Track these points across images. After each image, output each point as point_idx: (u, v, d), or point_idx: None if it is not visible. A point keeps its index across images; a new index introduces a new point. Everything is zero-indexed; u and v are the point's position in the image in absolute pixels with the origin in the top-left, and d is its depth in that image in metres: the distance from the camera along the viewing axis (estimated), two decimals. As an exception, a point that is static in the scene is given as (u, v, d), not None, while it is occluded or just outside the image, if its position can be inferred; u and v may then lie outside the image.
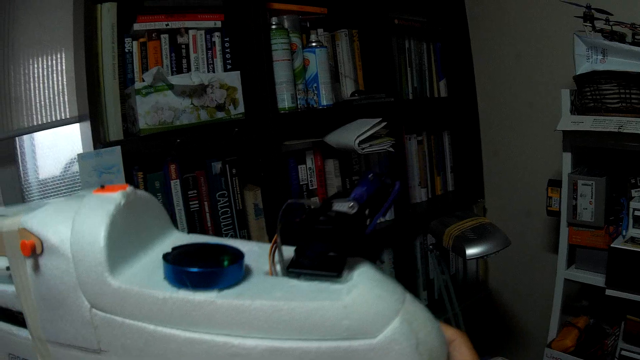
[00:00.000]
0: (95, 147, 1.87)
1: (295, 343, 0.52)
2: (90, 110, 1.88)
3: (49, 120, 2.14)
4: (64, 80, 2.13)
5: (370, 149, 2.33)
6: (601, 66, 2.20)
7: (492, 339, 3.28)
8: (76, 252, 0.56)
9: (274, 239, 0.58)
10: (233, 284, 0.55)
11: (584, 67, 2.25)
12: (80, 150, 2.04)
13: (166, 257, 0.57)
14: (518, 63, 2.95)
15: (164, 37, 2.12)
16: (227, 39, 2.24)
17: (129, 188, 0.62)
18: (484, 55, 3.11)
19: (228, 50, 2.24)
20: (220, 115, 2.06)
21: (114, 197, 0.60)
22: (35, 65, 2.10)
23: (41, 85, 2.11)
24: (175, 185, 2.08)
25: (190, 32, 2.17)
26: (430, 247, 2.44)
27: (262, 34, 2.23)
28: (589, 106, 2.28)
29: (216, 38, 2.21)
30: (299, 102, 2.37)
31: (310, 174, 2.46)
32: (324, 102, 2.41)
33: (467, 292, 3.18)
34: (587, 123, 2.24)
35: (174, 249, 0.60)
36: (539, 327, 2.95)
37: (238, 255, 0.58)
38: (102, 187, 0.63)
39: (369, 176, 0.61)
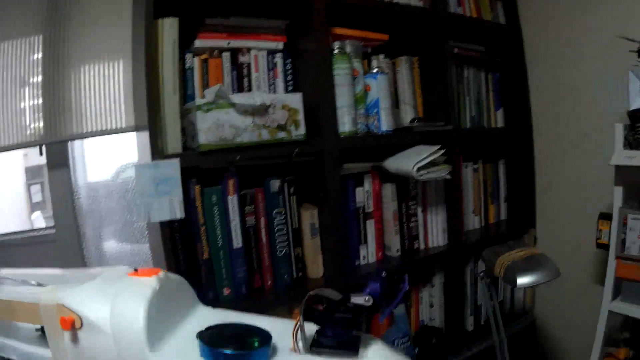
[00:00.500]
0: (153, 159, 1.87)
1: None
2: (149, 122, 1.89)
3: (104, 128, 2.19)
4: (121, 90, 2.19)
5: (428, 176, 2.34)
6: (655, 102, 2.20)
7: (536, 368, 3.28)
8: (117, 331, 0.60)
9: (297, 319, 0.66)
10: None
11: (637, 103, 2.25)
12: (135, 160, 2.08)
13: (202, 337, 0.62)
14: (573, 96, 2.96)
15: (226, 55, 2.16)
16: (289, 61, 2.28)
17: (161, 273, 0.67)
18: (540, 86, 3.12)
19: (290, 72, 2.28)
20: (281, 135, 2.07)
21: (150, 282, 0.65)
22: (92, 74, 2.15)
23: (97, 94, 2.17)
24: (233, 201, 2.10)
25: (252, 51, 2.21)
26: (481, 274, 2.44)
27: (325, 59, 2.26)
28: (641, 141, 2.28)
29: (278, 59, 2.26)
30: (359, 127, 2.39)
31: (367, 197, 2.48)
32: (384, 128, 2.43)
33: (514, 319, 3.18)
34: (640, 159, 2.24)
35: (207, 328, 0.65)
36: (580, 357, 2.94)
37: (266, 337, 0.64)
38: (136, 270, 0.69)
39: (382, 274, 0.68)
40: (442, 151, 2.40)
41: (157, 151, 1.91)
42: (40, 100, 2.09)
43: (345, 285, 2.27)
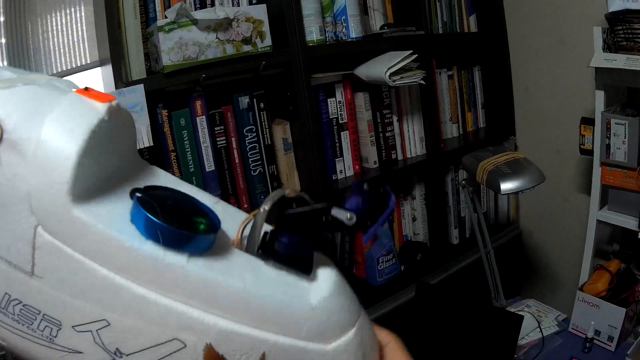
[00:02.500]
0: (117, 87, 1.85)
1: (254, 331, 0.51)
2: (112, 52, 1.86)
3: (69, 68, 2.12)
4: (84, 27, 2.14)
5: (401, 82, 2.29)
6: (634, 5, 2.13)
7: (523, 281, 3.26)
8: (40, 159, 0.48)
9: (252, 212, 0.57)
10: (203, 251, 0.52)
11: (616, 5, 2.18)
12: (103, 93, 2.02)
13: (138, 198, 0.51)
14: (548, -2, 2.88)
15: (187, -24, 2.08)
16: (251, -27, 2.20)
17: (115, 102, 0.55)
18: (515, -11, 3.05)
19: (253, -17, 2.19)
20: (246, 49, 2.02)
21: (99, 108, 0.52)
22: (53, 16, 2.10)
23: (60, 34, 2.12)
24: (202, 122, 2.06)
25: None
26: (463, 182, 2.40)
27: (289, -35, 2.18)
28: (621, 44, 2.23)
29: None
30: (327, 35, 2.33)
31: (340, 108, 2.42)
32: (353, 35, 2.36)
33: (499, 231, 3.15)
34: (620, 61, 2.19)
35: (147, 188, 0.55)
36: (570, 269, 2.93)
37: (215, 223, 0.55)
38: (86, 89, 0.56)
39: (364, 186, 0.58)
40: (415, 56, 2.35)
41: (121, 80, 1.88)
42: (4, 45, 2.02)
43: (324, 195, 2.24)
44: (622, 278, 2.42)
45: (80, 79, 2.15)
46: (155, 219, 0.49)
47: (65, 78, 1.66)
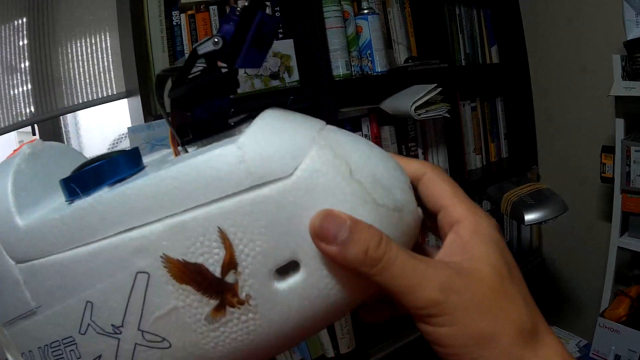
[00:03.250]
0: (146, 121, 1.86)
1: (193, 212, 0.44)
2: (140, 85, 1.88)
3: (94, 98, 2.15)
4: (109, 58, 2.15)
5: (426, 115, 2.31)
6: (652, 31, 2.16)
7: (546, 308, 3.25)
8: None
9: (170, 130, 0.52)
10: (127, 177, 0.48)
11: (634, 33, 2.21)
12: (130, 125, 2.06)
13: (63, 179, 0.50)
14: (568, 28, 2.89)
15: (213, 9, 2.11)
16: (278, 8, 2.23)
17: (36, 140, 0.56)
18: (534, 20, 3.06)
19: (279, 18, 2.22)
20: (274, 83, 2.05)
21: (20, 150, 0.54)
22: (78, 45, 2.11)
23: (85, 64, 2.13)
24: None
25: (239, 2, 2.15)
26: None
27: (314, 2, 2.21)
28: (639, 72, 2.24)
29: (267, 7, 2.20)
30: (353, 69, 2.35)
31: (367, 141, 2.42)
32: (378, 69, 2.39)
33: (522, 259, 3.15)
34: (639, 89, 2.20)
35: (74, 170, 0.51)
36: (591, 295, 2.93)
37: (133, 149, 0.51)
38: (21, 142, 0.59)
39: (236, 10, 0.50)
40: (439, 89, 2.37)
41: (150, 113, 1.89)
42: (30, 81, 2.05)
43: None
44: (642, 302, 2.44)
45: (106, 110, 2.18)
46: (66, 177, 0.48)
47: (90, 109, 1.70)
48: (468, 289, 0.42)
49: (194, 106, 0.51)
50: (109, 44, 2.14)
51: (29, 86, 2.05)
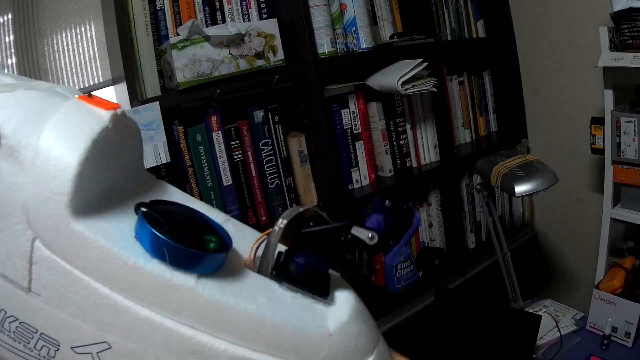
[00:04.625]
0: (132, 106, 1.85)
1: (266, 358, 0.47)
2: (125, 70, 1.87)
3: (80, 87, 2.13)
4: (95, 46, 2.14)
5: (413, 90, 2.31)
6: (638, 3, 2.15)
7: (540, 281, 3.27)
8: (39, 168, 0.45)
9: (266, 231, 0.53)
10: (213, 271, 0.49)
11: (620, 4, 2.20)
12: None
13: (143, 212, 0.48)
14: (554, 0, 2.89)
15: (196, -7, 2.11)
16: (261, -14, 2.22)
17: (120, 110, 0.53)
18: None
19: (263, -1, 2.21)
20: (259, 63, 2.04)
21: (103, 116, 0.50)
22: (64, 36, 2.10)
23: (71, 54, 2.12)
24: (218, 137, 2.08)
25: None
26: (478, 186, 2.41)
27: (298, -20, 2.20)
28: (627, 43, 2.24)
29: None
30: (338, 47, 2.35)
31: (354, 118, 2.44)
32: (364, 45, 2.38)
33: (514, 234, 3.16)
34: (627, 60, 2.20)
35: (153, 202, 0.51)
36: (585, 268, 2.94)
37: (226, 242, 0.51)
38: (90, 95, 0.54)
39: (386, 203, 0.55)
40: (425, 64, 2.37)
41: (136, 98, 1.89)
42: (15, 65, 2.03)
43: (341, 210, 2.26)
44: (637, 274, 2.44)
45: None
46: (161, 236, 0.46)
47: (68, 85, 1.67)
48: None
49: (307, 249, 0.53)
50: (94, 33, 2.13)
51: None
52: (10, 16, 2.02)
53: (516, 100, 3.16)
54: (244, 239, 0.56)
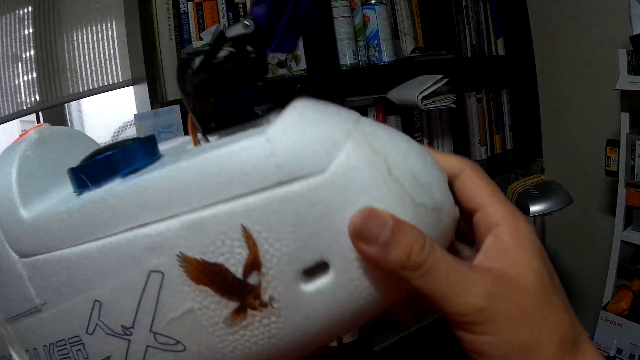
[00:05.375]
0: (152, 108, 1.86)
1: (215, 208, 0.40)
2: (147, 72, 1.88)
3: (99, 85, 2.14)
4: (115, 45, 2.14)
5: (433, 105, 2.31)
6: (658, 27, 2.16)
7: (549, 300, 3.26)
8: None
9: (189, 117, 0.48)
10: (142, 167, 0.45)
11: (640, 28, 2.21)
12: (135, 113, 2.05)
13: (71, 168, 0.46)
14: (575, 21, 2.89)
15: (220, -3, 2.11)
16: (286, -2, 2.23)
17: (44, 125, 0.53)
18: (541, 12, 3.05)
19: (287, 7, 2.22)
20: (282, 71, 2.05)
21: (27, 136, 0.51)
22: (84, 33, 2.11)
23: (90, 52, 2.13)
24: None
25: None
26: (492, 204, 2.41)
27: (321, -9, 2.20)
28: (645, 66, 2.24)
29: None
30: (360, 59, 2.35)
31: (373, 131, 2.42)
32: (385, 59, 2.39)
33: (525, 252, 3.14)
34: (645, 83, 2.20)
35: (83, 159, 0.48)
36: (594, 289, 2.92)
37: (149, 137, 0.48)
38: (24, 131, 0.52)
39: None
40: (446, 80, 2.36)
41: (157, 100, 1.89)
42: (34, 70, 2.05)
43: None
44: (644, 297, 2.44)
45: (112, 98, 2.18)
46: (75, 167, 0.45)
47: (96, 97, 1.69)
48: (512, 296, 0.40)
49: (218, 93, 0.46)
50: (115, 32, 2.13)
51: (34, 74, 2.05)
52: (30, 9, 2.03)
53: (533, 119, 3.16)
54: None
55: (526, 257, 0.42)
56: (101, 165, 0.44)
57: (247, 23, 0.44)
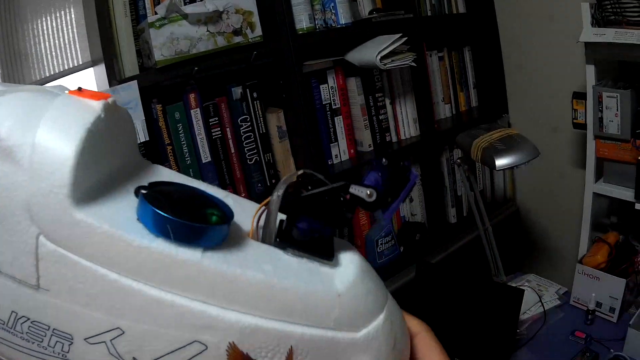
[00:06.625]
0: (110, 85, 1.85)
1: (278, 324, 0.47)
2: (104, 51, 1.88)
3: (61, 70, 2.12)
4: (74, 29, 2.12)
5: (392, 64, 2.30)
6: (621, -21, 2.15)
7: (523, 256, 3.28)
8: (37, 164, 0.45)
9: (265, 201, 0.53)
10: (217, 244, 0.48)
11: (603, -20, 2.20)
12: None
13: (143, 194, 0.47)
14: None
15: (175, -28, 2.08)
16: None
17: (111, 99, 0.52)
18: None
19: (241, -25, 2.20)
20: (237, 40, 2.03)
21: (94, 107, 0.49)
22: (44, 20, 2.08)
23: (51, 38, 2.10)
24: (196, 114, 2.08)
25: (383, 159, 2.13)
26: (458, 160, 2.41)
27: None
28: (609, 19, 2.23)
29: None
30: (317, 23, 2.34)
31: (333, 93, 2.43)
32: (342, 21, 2.36)
33: (496, 208, 3.17)
34: (609, 35, 2.20)
35: (152, 184, 0.51)
36: (569, 243, 2.94)
37: (227, 213, 0.51)
38: (80, 89, 0.52)
39: (383, 161, 0.56)
40: (404, 39, 2.35)
41: (115, 78, 1.89)
42: None
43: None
44: (620, 250, 2.46)
45: (73, 81, 2.16)
46: (164, 213, 0.46)
47: (57, 81, 1.68)
48: None
49: (302, 215, 0.53)
50: (73, 16, 2.11)
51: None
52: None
53: (497, 76, 3.16)
54: (244, 212, 0.55)
55: None
56: (189, 230, 0.46)
57: (369, 193, 0.52)
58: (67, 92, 0.52)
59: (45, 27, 2.08)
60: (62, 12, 2.10)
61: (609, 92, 2.31)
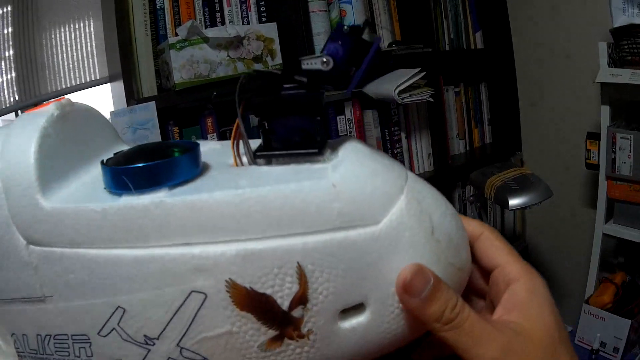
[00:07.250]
0: (128, 104, 1.85)
1: (273, 242, 0.42)
2: (123, 69, 1.87)
3: (77, 83, 2.13)
4: (93, 43, 2.13)
5: (410, 99, 2.30)
6: (638, 19, 2.15)
7: (530, 294, 3.26)
8: (6, 178, 0.46)
9: (235, 124, 0.49)
10: (188, 179, 0.45)
11: (621, 20, 2.21)
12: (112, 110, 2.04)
13: (104, 161, 0.46)
14: (554, 14, 2.88)
15: (196, -8, 2.10)
16: (262, -10, 2.22)
17: (65, 99, 0.52)
18: (520, 6, 3.05)
19: (262, 2, 2.22)
20: (257, 66, 2.03)
21: (47, 109, 0.50)
22: (62, 31, 2.10)
23: (69, 49, 2.11)
24: (213, 139, 2.06)
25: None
26: (471, 197, 2.41)
27: (297, -15, 2.20)
28: (626, 59, 2.24)
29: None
30: (337, 53, 2.33)
31: (349, 125, 2.44)
32: (362, 53, 2.36)
33: (505, 246, 3.14)
34: (626, 76, 2.20)
35: (116, 153, 0.50)
36: (576, 282, 2.93)
37: (192, 146, 0.48)
38: (35, 105, 0.54)
39: (344, 28, 0.47)
40: (423, 74, 2.35)
41: (133, 96, 1.89)
42: (14, 69, 2.03)
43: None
44: (627, 290, 2.45)
45: (89, 95, 2.17)
46: (116, 167, 0.45)
47: (73, 95, 1.69)
48: (524, 350, 0.45)
49: (274, 118, 0.49)
50: (92, 29, 2.12)
51: (14, 74, 2.03)
52: (9, 8, 2.02)
53: (512, 113, 3.16)
54: (226, 152, 0.52)
55: (539, 312, 0.48)
56: (147, 172, 0.44)
57: (325, 60, 0.46)
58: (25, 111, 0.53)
59: (63, 38, 2.10)
60: (82, 24, 2.11)
61: (622, 133, 2.30)
